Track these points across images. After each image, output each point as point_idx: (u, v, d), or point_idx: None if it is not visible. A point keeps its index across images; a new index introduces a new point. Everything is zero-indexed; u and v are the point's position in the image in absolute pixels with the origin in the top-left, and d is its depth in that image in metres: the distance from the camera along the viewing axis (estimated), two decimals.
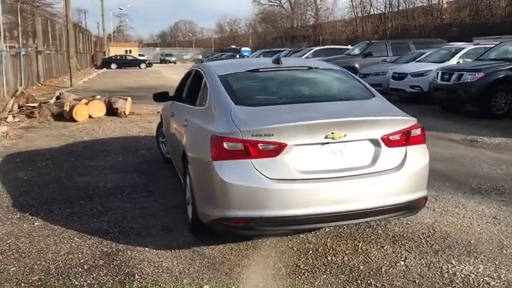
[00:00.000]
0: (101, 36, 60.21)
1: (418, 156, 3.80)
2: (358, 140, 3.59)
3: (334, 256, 3.79)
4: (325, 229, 4.27)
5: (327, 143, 3.49)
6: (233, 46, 65.45)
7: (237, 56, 44.33)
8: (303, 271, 3.55)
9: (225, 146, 3.43)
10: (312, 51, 25.30)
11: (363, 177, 3.56)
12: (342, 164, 3.55)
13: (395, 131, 3.66)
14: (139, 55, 57.45)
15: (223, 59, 46.00)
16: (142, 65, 45.70)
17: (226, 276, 3.49)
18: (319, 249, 3.91)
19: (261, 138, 3.39)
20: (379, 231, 4.26)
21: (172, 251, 3.92)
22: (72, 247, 4.03)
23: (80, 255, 3.86)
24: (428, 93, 12.77)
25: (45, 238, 4.23)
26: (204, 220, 3.75)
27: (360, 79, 4.62)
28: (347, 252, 3.86)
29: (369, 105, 4.07)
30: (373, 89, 4.35)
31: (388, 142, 3.64)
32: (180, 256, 3.82)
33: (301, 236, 4.15)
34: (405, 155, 3.70)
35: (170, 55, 66.19)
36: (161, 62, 63.68)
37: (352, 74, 4.68)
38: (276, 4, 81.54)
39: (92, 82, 26.67)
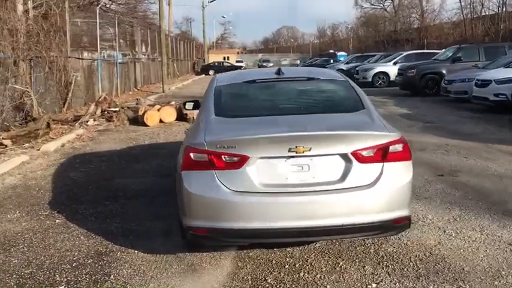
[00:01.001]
0: (206, 44, 63.20)
1: (397, 174, 3.58)
2: (326, 155, 3.47)
3: (308, 273, 3.69)
4: (315, 244, 4.17)
5: (292, 156, 3.43)
6: (331, 51, 64.85)
7: (331, 61, 43.96)
8: (268, 285, 3.52)
9: (192, 156, 3.52)
10: (402, 56, 24.44)
11: (331, 193, 3.44)
12: (309, 178, 3.47)
13: (369, 146, 3.49)
14: (238, 61, 59.19)
15: (317, 63, 45.95)
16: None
17: (192, 284, 3.57)
18: (297, 265, 3.83)
19: (224, 150, 3.43)
20: (371, 250, 4.07)
21: (158, 255, 4.07)
22: (74, 245, 4.36)
23: (75, 253, 4.17)
24: None
25: (56, 235, 4.61)
26: (181, 228, 3.86)
27: (359, 91, 4.41)
28: (323, 269, 3.74)
29: (348, 118, 3.92)
30: (366, 102, 4.18)
31: (360, 158, 3.48)
32: (161, 261, 3.97)
33: (288, 249, 4.10)
34: (381, 172, 3.51)
35: (267, 61, 67.25)
36: (259, 67, 64.93)
37: (353, 85, 4.50)
38: (378, 7, 79.53)
39: (184, 88, 28.06)
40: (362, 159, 3.48)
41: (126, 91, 22.50)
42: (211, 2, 52.87)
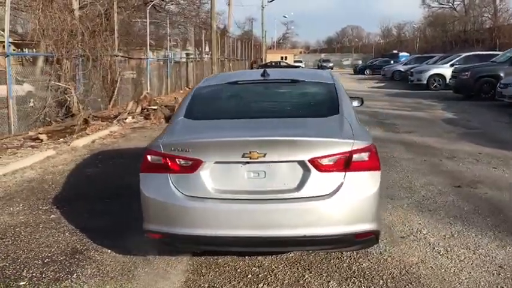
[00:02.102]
0: (267, 43, 63.39)
1: (361, 184, 3.34)
2: (284, 162, 3.30)
3: (268, 285, 3.54)
4: (289, 254, 3.99)
5: (248, 162, 3.29)
6: (395, 51, 63.02)
7: (391, 62, 42.70)
8: None
9: (149, 159, 3.47)
10: (461, 57, 23.25)
11: (286, 201, 3.27)
12: (265, 185, 3.31)
13: (328, 154, 3.28)
14: (296, 61, 58.87)
15: (376, 64, 44.77)
16: None
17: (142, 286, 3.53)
18: (261, 275, 3.68)
19: (178, 153, 3.35)
20: (344, 264, 3.84)
21: (129, 257, 4.06)
22: (56, 241, 4.44)
23: (53, 250, 4.24)
24: None
25: (44, 230, 4.72)
26: None
27: (341, 95, 4.16)
28: (285, 282, 3.57)
29: (315, 123, 3.70)
30: (344, 106, 3.93)
31: (319, 166, 3.27)
32: (128, 262, 3.96)
33: (259, 258, 3.96)
34: (342, 182, 3.28)
35: (327, 61, 66.32)
36: (318, 68, 64.25)
37: (338, 89, 4.25)
38: (447, 6, 76.32)
39: None
40: (321, 168, 3.27)
41: (177, 90, 22.94)
42: (270, 1, 52.92)
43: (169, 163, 3.37)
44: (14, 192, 6.10)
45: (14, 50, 26.79)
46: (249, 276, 3.68)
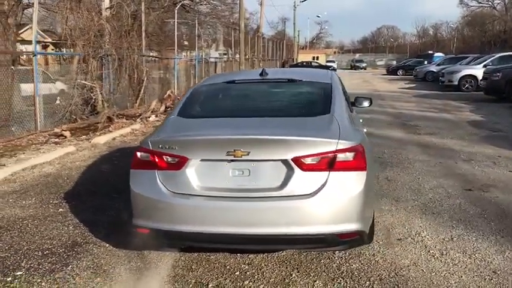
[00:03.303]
0: (299, 43, 63.27)
1: (345, 184, 3.32)
2: (268, 160, 3.32)
3: (253, 282, 3.57)
4: (281, 252, 4.01)
5: (233, 160, 3.32)
6: (430, 52, 61.78)
7: (424, 62, 41.90)
8: None
9: (138, 155, 3.55)
10: (495, 58, 22.61)
11: (269, 200, 3.29)
12: (249, 183, 3.34)
13: (312, 153, 3.27)
14: (328, 61, 58.40)
15: (409, 64, 43.96)
16: None
17: (134, 281, 3.61)
18: (248, 273, 3.71)
19: (165, 150, 3.42)
20: (334, 264, 3.83)
21: (124, 251, 4.14)
22: (59, 234, 4.59)
23: (54, 242, 4.39)
24: None
25: (50, 223, 4.88)
26: None
27: (336, 94, 4.13)
28: (271, 280, 3.59)
29: (303, 122, 3.70)
30: (336, 106, 3.91)
31: (303, 165, 3.28)
32: (123, 256, 4.05)
33: (250, 256, 3.98)
34: (325, 181, 3.27)
35: (361, 61, 65.66)
36: (351, 68, 63.64)
37: (334, 89, 4.23)
38: (486, 5, 74.21)
39: None
40: (304, 167, 3.28)
41: None
42: (302, 1, 52.74)
43: (157, 160, 3.44)
44: (29, 186, 6.32)
45: (52, 49, 27.65)
46: (237, 273, 3.71)
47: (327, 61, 58.32)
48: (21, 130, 10.24)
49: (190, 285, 3.53)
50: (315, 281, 3.57)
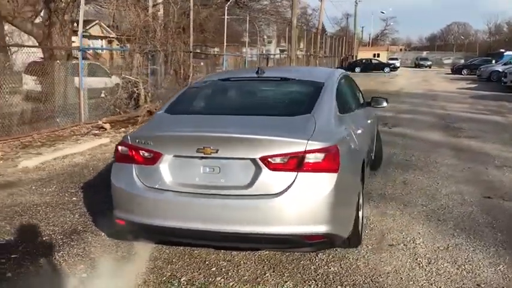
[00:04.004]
0: (362, 40, 62.10)
1: (313, 185, 3.27)
2: (236, 159, 3.33)
3: (225, 279, 3.60)
4: (265, 251, 4.00)
5: (204, 157, 3.36)
6: (502, 50, 58.61)
7: (492, 62, 39.84)
8: (175, 284, 3.52)
9: (119, 149, 3.67)
10: None
11: (237, 198, 3.31)
12: (218, 181, 3.37)
13: (279, 153, 3.25)
14: (391, 59, 56.81)
15: (475, 63, 41.90)
16: (386, 69, 45.25)
17: (114, 270, 3.74)
18: (224, 269, 3.75)
19: (142, 145, 3.52)
20: (312, 266, 3.78)
21: (116, 241, 4.29)
22: (64, 221, 4.82)
23: (57, 229, 4.62)
24: None
25: (60, 211, 5.14)
26: None
27: (325, 95, 4.04)
28: (243, 278, 3.60)
29: (278, 122, 3.66)
30: (319, 107, 3.83)
31: (270, 164, 3.26)
32: (113, 246, 4.20)
33: (233, 253, 4.00)
34: (293, 182, 3.24)
35: (425, 59, 63.34)
36: (415, 66, 61.58)
37: (324, 89, 4.14)
38: None
39: None
40: (272, 166, 3.26)
41: None
42: None
43: (134, 155, 3.55)
44: (55, 175, 6.68)
45: (117, 44, 28.83)
46: (213, 269, 3.76)
47: (390, 59, 56.69)
48: (65, 121, 10.80)
49: (164, 278, 3.62)
50: (286, 281, 3.54)
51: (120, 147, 3.68)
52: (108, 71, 15.93)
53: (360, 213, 4.26)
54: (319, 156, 3.27)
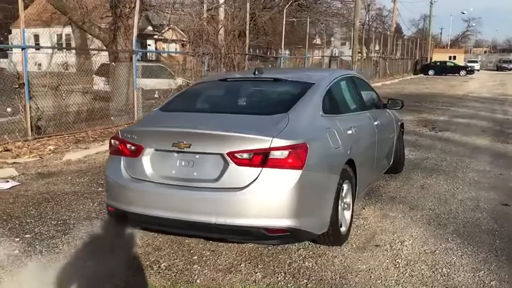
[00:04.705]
0: (441, 42, 59.70)
1: (277, 181, 3.41)
2: (208, 153, 3.55)
3: (202, 267, 3.81)
4: (249, 244, 4.17)
5: (180, 151, 3.61)
6: None
7: None
8: (154, 268, 3.79)
9: (112, 142, 4.01)
10: None
11: (205, 190, 3.53)
12: (191, 174, 3.61)
13: (245, 149, 3.42)
14: (470, 61, 54.23)
15: None
16: (462, 72, 43.24)
17: (97, 250, 4.07)
18: (204, 258, 3.96)
19: (128, 139, 3.83)
20: (288, 261, 3.90)
21: (118, 227, 4.61)
22: (83, 209, 5.26)
23: (73, 215, 5.06)
24: None
25: (84, 199, 5.59)
26: None
27: (311, 96, 4.14)
28: (219, 267, 3.80)
29: (252, 120, 3.83)
30: (298, 107, 3.94)
31: (237, 159, 3.44)
32: (114, 232, 4.54)
33: (220, 244, 4.21)
34: (257, 177, 3.40)
35: (508, 62, 59.65)
36: (497, 69, 58.22)
37: (311, 90, 4.22)
38: None
39: (383, 88, 27.38)
40: (238, 161, 3.44)
41: None
42: None
43: (122, 148, 3.87)
44: (92, 167, 7.24)
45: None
46: (195, 257, 3.99)
47: (468, 61, 54.06)
48: (120, 120, 11.53)
49: (148, 263, 3.90)
50: (257, 272, 3.70)
51: (112, 141, 4.02)
52: (173, 73, 16.72)
53: (348, 213, 4.32)
54: (284, 153, 3.41)
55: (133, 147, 3.81)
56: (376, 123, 5.22)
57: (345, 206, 4.26)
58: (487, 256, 4.01)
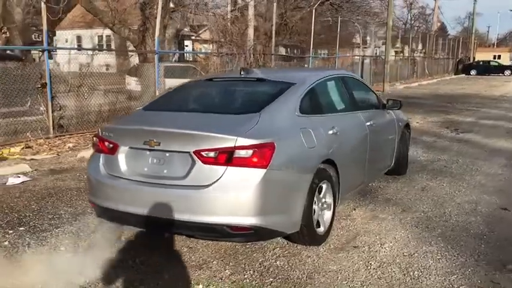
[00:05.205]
0: (488, 41, 57.63)
1: (241, 179, 3.47)
2: (177, 152, 3.63)
3: (174, 264, 3.90)
4: (227, 243, 4.23)
5: (151, 149, 3.71)
6: None
7: None
8: (124, 264, 3.91)
9: (94, 140, 4.16)
10: None
11: (173, 187, 3.61)
12: (161, 171, 3.70)
13: (211, 148, 3.48)
14: None
15: None
16: (507, 72, 41.66)
17: (82, 244, 4.24)
18: (180, 254, 4.06)
19: (106, 137, 3.97)
20: (260, 259, 3.94)
21: (99, 224, 4.76)
22: (81, 205, 5.43)
23: (70, 210, 5.25)
24: None
25: (83, 195, 5.75)
26: None
27: (287, 96, 4.15)
28: (191, 264, 3.88)
29: (223, 119, 3.90)
30: (271, 107, 3.96)
31: (202, 158, 3.51)
32: (104, 225, 4.68)
33: (201, 241, 4.28)
34: (222, 175, 3.45)
35: None
36: None
37: (290, 90, 4.22)
38: None
39: (418, 88, 26.81)
40: (204, 160, 3.51)
41: None
42: None
43: (101, 145, 4.01)
44: None
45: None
46: (171, 253, 4.08)
47: None
48: None
49: (125, 257, 4.01)
50: (226, 270, 3.75)
51: (94, 138, 4.17)
52: (203, 73, 16.97)
53: (329, 213, 4.31)
54: (248, 152, 3.45)
55: (110, 145, 3.94)
56: (369, 123, 5.16)
57: (324, 206, 4.24)
58: (466, 260, 3.91)
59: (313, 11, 19.03)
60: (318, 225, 4.16)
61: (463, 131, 10.73)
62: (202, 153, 3.52)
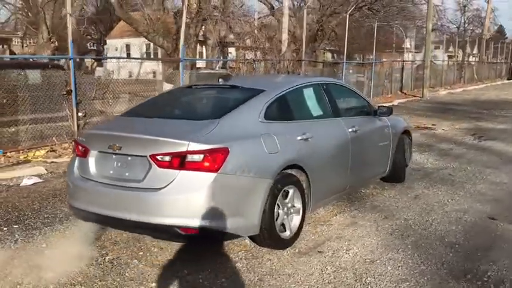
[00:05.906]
0: None
1: (190, 183, 3.63)
2: (137, 156, 3.83)
3: (141, 262, 4.09)
4: (207, 244, 4.36)
5: (115, 153, 3.94)
6: None
7: None
8: (102, 261, 4.14)
9: (74, 144, 4.44)
10: None
11: (131, 190, 3.82)
12: (123, 174, 3.92)
13: (164, 152, 3.66)
14: None
15: None
16: None
17: (68, 240, 4.51)
18: (148, 254, 4.24)
19: (80, 141, 4.24)
20: (224, 262, 4.07)
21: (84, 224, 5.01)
22: (62, 210, 5.50)
23: (58, 212, 5.50)
24: None
25: None
26: None
27: (250, 103, 4.26)
28: (155, 264, 4.06)
29: (181, 125, 4.09)
30: (231, 113, 4.09)
31: (157, 162, 3.69)
32: (87, 227, 4.98)
33: (173, 243, 4.46)
34: (174, 178, 3.62)
35: None
36: None
37: (255, 97, 4.34)
38: None
39: (461, 94, 26.00)
40: (159, 163, 3.69)
41: (384, 93, 22.63)
42: None
43: (77, 149, 4.29)
44: None
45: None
46: (141, 253, 4.26)
47: None
48: None
49: (97, 255, 4.24)
50: (184, 270, 3.90)
51: (74, 143, 4.45)
52: None
53: (297, 217, 4.37)
54: (200, 157, 3.60)
55: (83, 149, 4.21)
56: (351, 129, 5.17)
57: (291, 210, 4.32)
58: (427, 269, 3.88)
59: (347, 16, 18.91)
60: (284, 229, 4.24)
61: (487, 138, 10.38)
62: (158, 157, 3.70)
